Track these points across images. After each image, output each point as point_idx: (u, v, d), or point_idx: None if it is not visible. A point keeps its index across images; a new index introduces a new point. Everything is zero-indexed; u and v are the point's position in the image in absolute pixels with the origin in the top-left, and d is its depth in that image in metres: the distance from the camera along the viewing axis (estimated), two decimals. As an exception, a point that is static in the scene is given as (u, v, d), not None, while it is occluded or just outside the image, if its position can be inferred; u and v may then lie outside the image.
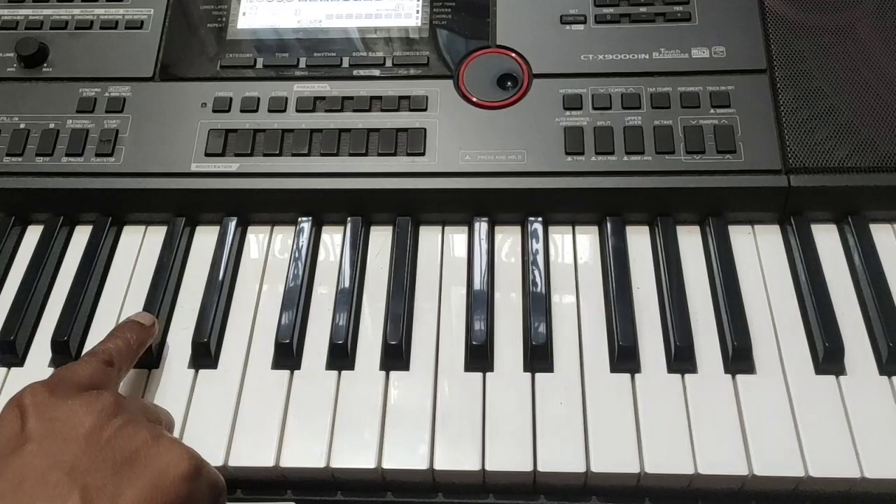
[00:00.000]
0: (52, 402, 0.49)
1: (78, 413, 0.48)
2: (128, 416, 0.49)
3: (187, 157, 0.68)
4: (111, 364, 0.55)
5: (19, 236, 0.70)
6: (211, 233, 0.68)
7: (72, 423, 0.48)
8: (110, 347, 0.56)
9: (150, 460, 0.47)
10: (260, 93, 0.70)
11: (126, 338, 0.57)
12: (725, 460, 0.54)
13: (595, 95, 0.68)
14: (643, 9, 0.71)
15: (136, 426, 0.48)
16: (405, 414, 0.57)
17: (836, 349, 0.58)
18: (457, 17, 0.73)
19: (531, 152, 0.66)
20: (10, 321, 0.63)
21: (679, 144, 0.66)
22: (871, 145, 0.65)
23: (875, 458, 0.54)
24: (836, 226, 0.66)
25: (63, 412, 0.48)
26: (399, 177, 0.66)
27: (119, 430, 0.48)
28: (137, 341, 0.58)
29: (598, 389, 0.58)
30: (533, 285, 0.63)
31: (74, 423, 0.47)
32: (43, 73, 0.72)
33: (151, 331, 0.60)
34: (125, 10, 0.75)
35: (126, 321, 0.59)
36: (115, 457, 0.46)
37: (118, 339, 0.57)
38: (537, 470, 0.55)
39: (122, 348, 0.56)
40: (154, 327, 0.60)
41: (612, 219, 0.66)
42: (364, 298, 0.64)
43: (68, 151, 0.68)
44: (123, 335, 0.57)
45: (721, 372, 0.59)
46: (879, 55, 0.68)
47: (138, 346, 0.58)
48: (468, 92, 0.69)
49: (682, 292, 0.62)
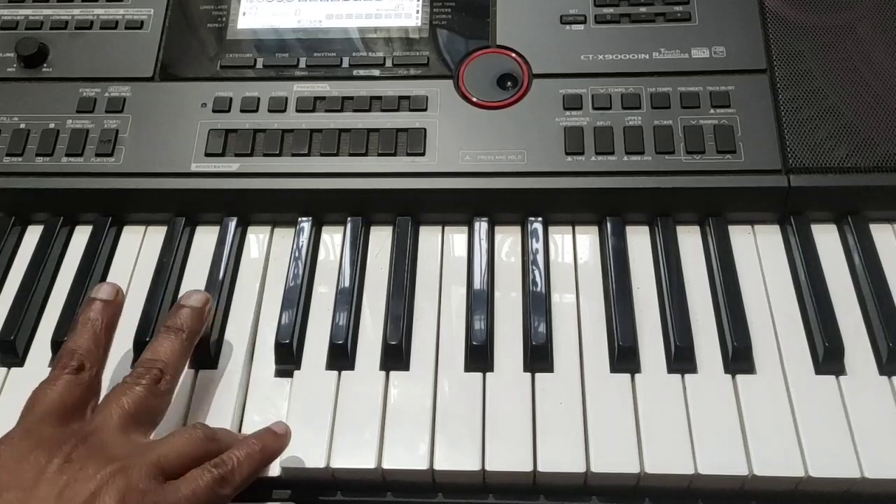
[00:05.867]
0: (23, 448, 0.48)
1: (38, 461, 0.48)
2: (82, 465, 0.48)
3: (187, 157, 0.68)
4: (82, 368, 0.53)
5: (19, 236, 0.70)
6: (211, 233, 0.68)
7: (31, 473, 0.47)
8: (77, 349, 0.53)
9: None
10: (260, 93, 0.70)
11: (91, 327, 0.55)
12: (725, 460, 0.54)
13: (595, 95, 0.68)
14: (643, 9, 0.71)
15: (91, 473, 0.47)
16: (405, 414, 0.57)
17: (836, 349, 0.58)
18: (457, 17, 0.73)
19: (531, 152, 0.66)
20: (10, 321, 0.63)
21: (679, 144, 0.66)
22: (871, 145, 0.65)
23: (875, 458, 0.54)
24: (836, 226, 0.66)
25: (30, 462, 0.48)
26: (399, 177, 0.66)
27: (65, 488, 0.47)
28: (105, 324, 0.55)
29: (598, 389, 0.58)
30: (533, 285, 0.63)
31: (33, 474, 0.47)
32: (43, 73, 0.72)
33: (118, 302, 0.57)
34: (125, 10, 0.75)
35: (88, 302, 0.56)
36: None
37: (83, 332, 0.54)
38: (537, 470, 0.55)
39: (89, 343, 0.54)
40: (119, 296, 0.57)
41: (612, 219, 0.66)
42: (364, 298, 0.64)
43: (68, 151, 0.68)
44: (87, 324, 0.55)
45: (721, 372, 0.59)
46: (879, 55, 0.68)
47: (107, 328, 0.55)
48: (468, 92, 0.69)
49: (682, 292, 0.62)
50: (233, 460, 0.51)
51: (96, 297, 0.57)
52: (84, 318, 0.55)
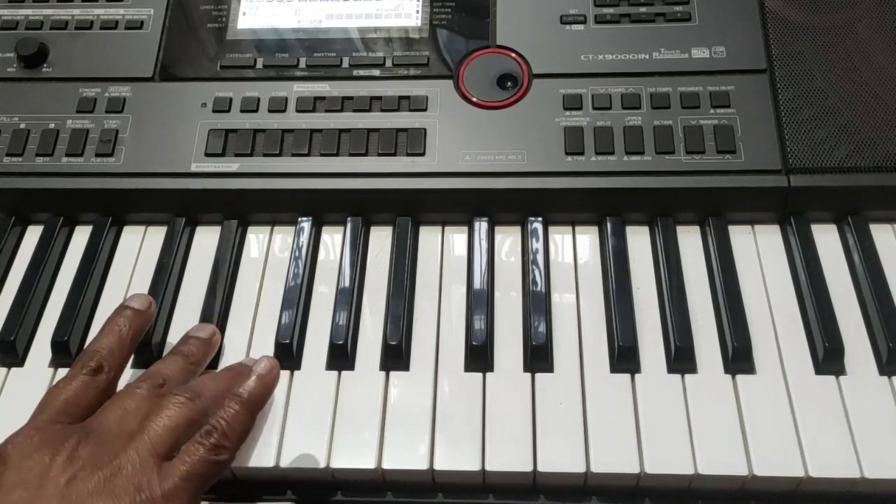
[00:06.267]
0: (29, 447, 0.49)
1: (43, 460, 0.48)
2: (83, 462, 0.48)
3: (187, 157, 0.68)
4: (100, 370, 0.54)
5: (19, 236, 0.70)
6: (211, 233, 0.68)
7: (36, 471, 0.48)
8: (99, 350, 0.54)
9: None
10: (260, 93, 0.70)
11: (117, 331, 0.56)
12: (725, 460, 0.54)
13: (595, 95, 0.68)
14: (643, 9, 0.71)
15: (90, 471, 0.48)
16: (405, 414, 0.57)
17: (836, 349, 0.58)
18: (457, 17, 0.73)
19: (531, 152, 0.66)
20: (10, 321, 0.63)
21: (679, 144, 0.66)
22: (871, 145, 0.65)
23: (875, 458, 0.54)
24: (836, 226, 0.66)
25: (35, 461, 0.48)
26: (399, 177, 0.66)
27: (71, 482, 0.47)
28: (132, 332, 0.56)
29: (598, 389, 0.58)
30: (533, 285, 0.63)
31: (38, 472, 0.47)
32: (43, 73, 0.72)
33: (149, 314, 0.58)
34: (125, 10, 0.75)
35: (119, 308, 0.57)
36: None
37: (109, 335, 0.55)
38: (537, 470, 0.55)
39: (112, 346, 0.55)
40: (151, 308, 0.58)
41: (612, 219, 0.66)
42: (364, 298, 0.64)
43: (68, 151, 0.68)
44: (115, 328, 0.56)
45: (721, 372, 0.59)
46: (879, 55, 0.68)
47: (134, 336, 0.56)
48: (468, 92, 0.69)
49: (682, 292, 0.62)
50: (221, 425, 0.51)
51: (129, 306, 0.58)
52: (112, 323, 0.56)
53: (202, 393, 0.53)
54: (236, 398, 0.52)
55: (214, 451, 0.50)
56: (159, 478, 0.48)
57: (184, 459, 0.49)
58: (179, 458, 0.50)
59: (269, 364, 0.55)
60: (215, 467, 0.50)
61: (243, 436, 0.52)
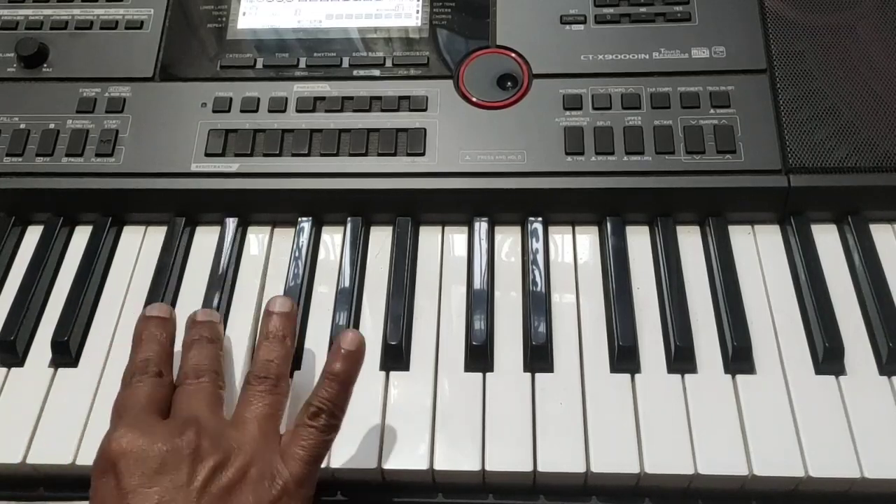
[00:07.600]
0: (139, 447, 0.48)
1: (168, 460, 0.48)
2: (217, 457, 0.48)
3: (187, 157, 0.68)
4: (160, 374, 0.54)
5: (19, 236, 0.70)
6: (211, 233, 0.69)
7: (165, 470, 0.47)
8: (150, 357, 0.55)
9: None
10: (260, 93, 0.70)
11: (157, 338, 0.56)
12: (725, 460, 0.54)
13: (595, 95, 0.68)
14: (643, 9, 0.71)
15: (226, 468, 0.48)
16: (405, 414, 0.57)
17: (836, 349, 0.58)
18: (457, 17, 0.73)
19: (531, 152, 0.66)
20: (10, 321, 0.63)
21: (679, 144, 0.66)
22: (871, 145, 0.65)
23: (875, 458, 0.54)
24: (836, 226, 0.66)
25: (153, 461, 0.48)
26: (399, 177, 0.66)
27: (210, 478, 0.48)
28: (167, 338, 0.57)
29: (598, 389, 0.58)
30: (533, 285, 0.63)
31: (167, 471, 0.47)
32: (43, 73, 0.72)
33: (174, 321, 0.59)
34: (125, 10, 0.75)
35: (148, 321, 0.57)
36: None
37: (153, 343, 0.56)
38: (537, 470, 0.55)
39: (160, 352, 0.56)
40: (173, 315, 0.59)
41: (612, 219, 0.66)
42: (364, 298, 0.64)
43: (68, 151, 0.68)
44: (156, 337, 0.56)
45: (721, 372, 0.59)
46: (879, 55, 0.68)
47: (170, 342, 0.57)
48: (468, 92, 0.69)
49: (682, 292, 0.62)
50: (329, 406, 0.51)
51: (156, 316, 0.58)
52: (149, 333, 0.57)
53: (274, 373, 0.55)
54: (334, 378, 0.52)
55: (326, 432, 0.51)
56: (285, 464, 0.50)
57: (300, 444, 0.51)
58: (294, 442, 0.51)
59: (354, 338, 0.54)
60: (327, 446, 0.52)
61: (345, 409, 0.53)
